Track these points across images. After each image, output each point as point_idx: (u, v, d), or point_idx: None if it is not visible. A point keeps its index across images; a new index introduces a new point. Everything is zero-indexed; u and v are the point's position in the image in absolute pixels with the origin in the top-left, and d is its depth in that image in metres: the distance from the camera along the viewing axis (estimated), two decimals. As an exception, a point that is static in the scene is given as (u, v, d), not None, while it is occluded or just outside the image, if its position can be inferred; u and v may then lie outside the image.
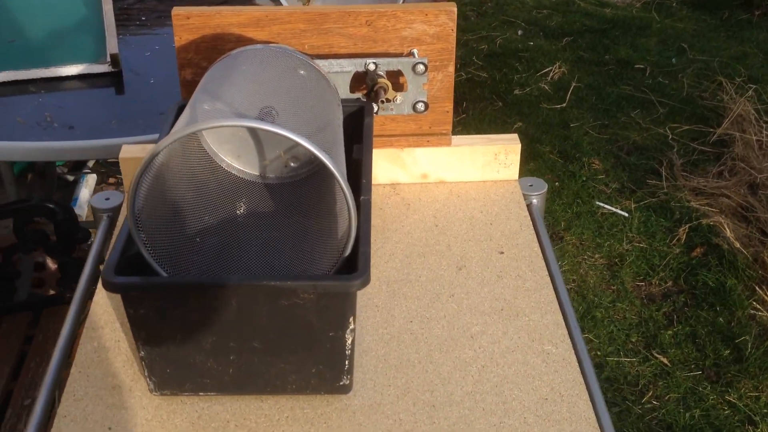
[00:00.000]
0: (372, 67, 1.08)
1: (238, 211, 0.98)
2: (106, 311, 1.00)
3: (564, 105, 3.23)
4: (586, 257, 2.42)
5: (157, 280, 0.79)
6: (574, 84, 3.34)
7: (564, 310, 1.02)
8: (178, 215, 0.89)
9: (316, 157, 0.77)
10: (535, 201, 1.24)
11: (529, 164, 2.86)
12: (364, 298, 1.03)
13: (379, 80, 1.09)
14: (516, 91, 3.34)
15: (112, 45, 1.63)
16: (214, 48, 1.12)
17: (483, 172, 1.24)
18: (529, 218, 1.18)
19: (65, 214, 1.44)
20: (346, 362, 0.85)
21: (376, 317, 1.00)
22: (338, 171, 0.78)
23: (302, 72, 0.98)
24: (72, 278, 1.51)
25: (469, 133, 3.08)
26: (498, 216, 1.18)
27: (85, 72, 1.59)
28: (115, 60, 1.60)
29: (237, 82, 0.92)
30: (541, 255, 1.11)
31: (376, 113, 1.11)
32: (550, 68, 3.46)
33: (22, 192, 1.71)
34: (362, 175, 0.94)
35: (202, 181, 0.94)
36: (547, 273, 1.07)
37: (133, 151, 1.21)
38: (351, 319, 0.82)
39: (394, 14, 1.11)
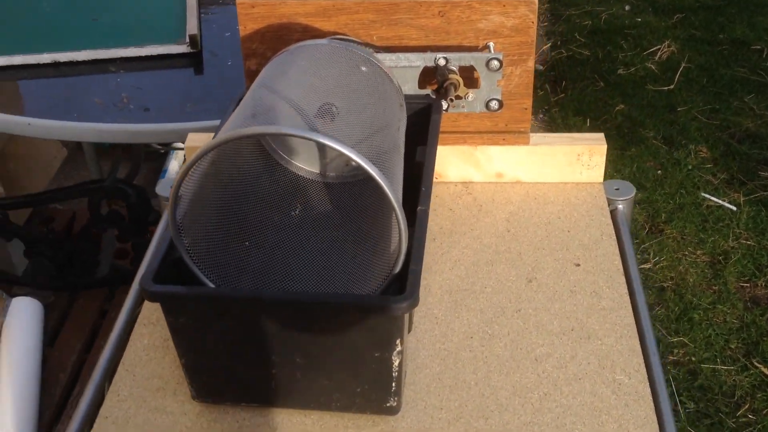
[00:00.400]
0: (442, 62, 1.01)
1: (293, 212, 0.94)
2: (159, 308, 0.98)
3: (671, 87, 3.04)
4: (686, 253, 2.27)
5: (196, 291, 0.75)
6: (683, 64, 3.14)
7: (643, 335, 0.93)
8: (227, 217, 0.85)
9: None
10: (620, 207, 1.14)
11: (630, 150, 2.71)
12: (422, 308, 0.97)
13: (450, 76, 1.02)
14: (620, 71, 3.17)
15: (192, 25, 1.61)
16: (279, 38, 1.08)
17: (563, 174, 1.16)
18: (611, 226, 1.09)
19: (138, 196, 1.44)
20: (393, 384, 0.80)
21: (434, 330, 0.94)
22: (387, 185, 0.72)
23: (364, 69, 0.92)
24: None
25: (567, 114, 2.95)
26: (577, 223, 1.09)
27: (164, 52, 1.58)
28: (194, 41, 1.58)
29: (295, 77, 0.87)
30: (621, 270, 1.02)
31: (446, 111, 1.04)
32: (659, 47, 3.26)
33: (107, 167, 1.73)
34: (423, 182, 0.88)
35: (254, 180, 0.90)
36: (626, 291, 0.98)
37: (199, 140, 1.18)
38: (398, 341, 0.77)
39: (469, 5, 1.03)
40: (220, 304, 0.76)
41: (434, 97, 1.03)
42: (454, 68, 1.02)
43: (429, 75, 1.04)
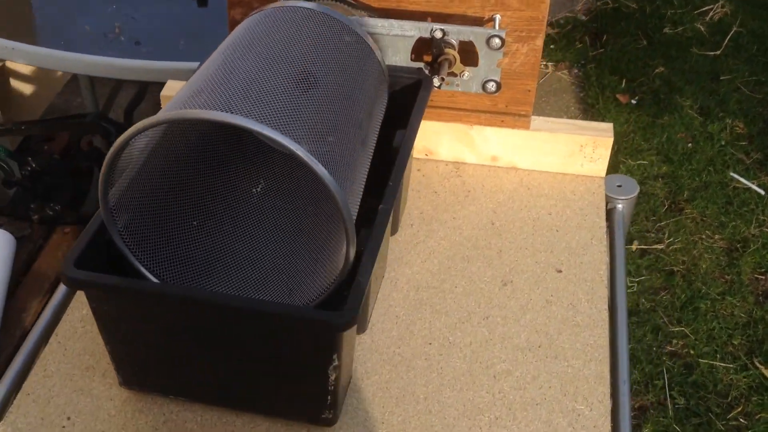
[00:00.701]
0: (439, 34, 0.91)
1: (253, 189, 0.87)
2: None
3: (718, 52, 2.86)
4: (704, 237, 2.16)
5: (120, 282, 0.69)
6: (735, 28, 2.95)
7: (615, 360, 0.86)
8: (170, 195, 0.78)
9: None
10: (620, 207, 1.05)
11: (663, 118, 2.57)
12: (384, 304, 0.90)
13: (446, 51, 0.92)
14: (666, 29, 2.99)
15: (200, -50, 1.50)
16: (265, -11, 0.98)
17: (563, 164, 1.06)
18: (605, 229, 1.00)
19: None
20: (329, 397, 0.74)
21: (392, 331, 0.87)
22: (334, 186, 0.64)
23: (347, 38, 0.83)
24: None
25: (603, 72, 2.81)
26: (568, 222, 1.00)
27: (168, -22, 1.48)
28: (200, -32, 1.48)
29: (260, 47, 0.78)
30: (606, 281, 0.93)
31: (438, 88, 0.95)
32: (711, 6, 3.06)
33: (103, 99, 1.66)
34: (392, 174, 0.79)
35: (206, 152, 0.83)
36: (606, 306, 0.90)
37: (177, 89, 1.10)
38: (334, 356, 0.70)
39: (475, -29, 0.92)
40: (144, 298, 0.70)
41: (426, 72, 0.93)
42: (452, 42, 0.92)
43: (424, 46, 0.94)
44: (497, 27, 0.93)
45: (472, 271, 0.94)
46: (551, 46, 2.99)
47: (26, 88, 1.96)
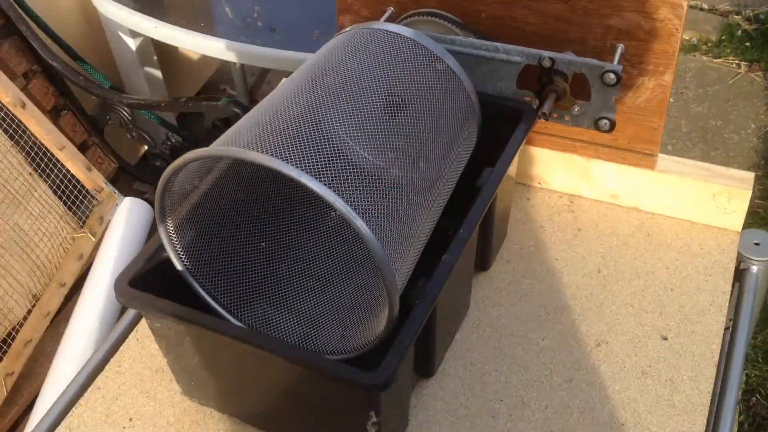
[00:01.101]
0: (547, 63, 0.82)
1: (319, 226, 0.83)
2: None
3: None
4: None
5: (166, 306, 0.68)
6: None
7: (709, 454, 0.75)
8: (235, 219, 0.76)
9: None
10: (755, 269, 0.91)
11: None
12: (461, 346, 0.84)
13: (556, 81, 0.83)
14: None
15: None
16: (375, 2, 0.93)
17: (692, 211, 0.94)
18: (728, 295, 0.88)
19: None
20: (370, 454, 0.69)
21: (464, 379, 0.81)
22: (386, 266, 0.58)
23: (439, 67, 0.77)
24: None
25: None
26: (687, 280, 0.89)
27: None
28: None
29: (343, 73, 0.74)
30: (715, 359, 0.82)
31: (546, 119, 0.86)
32: None
33: (253, 78, 1.69)
34: (466, 220, 0.73)
35: (265, 184, 0.79)
36: (710, 390, 0.79)
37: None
38: (371, 413, 0.66)
39: (600, -6, 0.82)
40: (191, 328, 0.69)
41: (533, 102, 0.85)
42: (564, 72, 0.83)
43: (533, 74, 0.86)
44: (617, 59, 0.82)
45: (564, 323, 0.86)
46: (746, 44, 2.72)
47: (191, 66, 2.04)
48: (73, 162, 1.42)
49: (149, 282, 0.70)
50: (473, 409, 0.79)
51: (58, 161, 1.42)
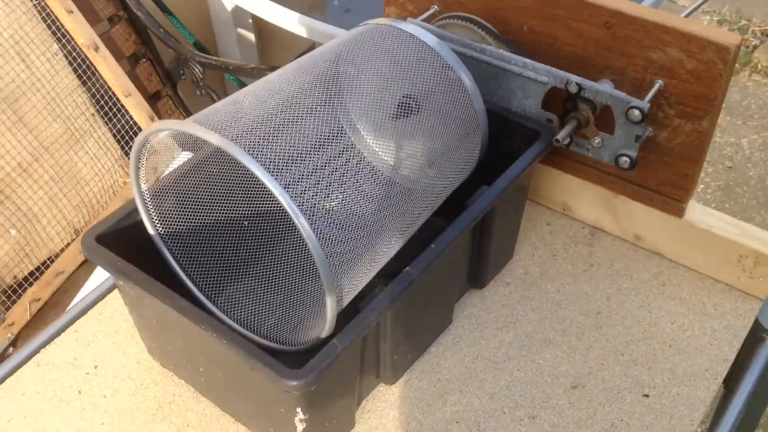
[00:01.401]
0: (573, 88, 0.78)
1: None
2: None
3: None
4: None
5: (124, 267, 0.68)
6: None
7: None
8: (209, 197, 0.75)
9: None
10: (770, 341, 0.85)
11: None
12: (432, 360, 0.82)
13: (581, 107, 0.79)
14: None
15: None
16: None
17: (717, 268, 0.88)
18: (728, 364, 0.82)
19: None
20: (300, 443, 0.69)
21: (427, 391, 0.79)
22: (307, 233, 0.57)
23: (451, 75, 0.74)
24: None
25: None
26: (689, 339, 0.83)
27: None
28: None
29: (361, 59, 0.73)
30: (694, 425, 0.76)
31: (566, 147, 0.82)
32: None
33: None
34: (442, 235, 0.70)
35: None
36: (682, 459, 0.74)
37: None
38: (298, 410, 0.65)
39: (643, 25, 0.77)
40: (137, 288, 0.69)
41: (555, 125, 0.81)
42: (591, 100, 0.79)
43: (560, 96, 0.82)
44: (651, 95, 0.77)
45: (546, 358, 0.82)
46: None
47: (285, 36, 2.06)
48: (137, 110, 1.46)
49: (118, 241, 0.71)
50: (425, 424, 0.77)
51: (123, 107, 1.47)
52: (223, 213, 0.75)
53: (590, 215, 0.95)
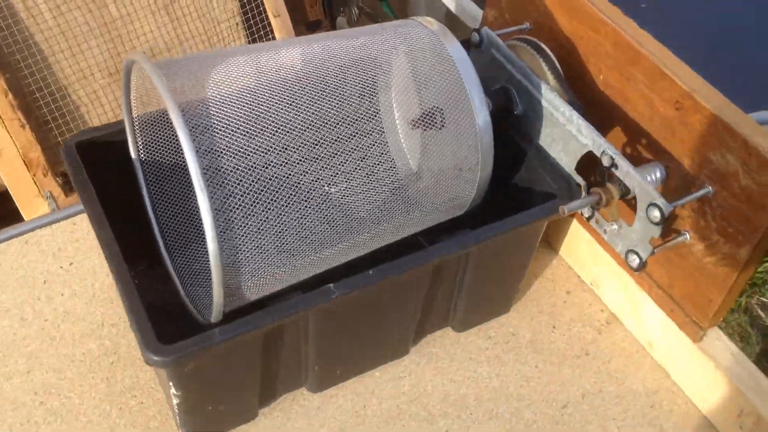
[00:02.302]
0: (606, 161, 0.68)
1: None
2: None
3: None
4: None
5: (80, 181, 0.68)
6: None
7: None
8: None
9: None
10: None
11: None
12: (371, 384, 0.77)
13: (608, 184, 0.69)
14: None
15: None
16: (521, 8, 0.83)
17: (713, 412, 0.76)
18: None
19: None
20: (177, 418, 0.68)
21: (345, 411, 0.75)
22: (207, 215, 0.54)
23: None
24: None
25: None
26: (647, 477, 0.73)
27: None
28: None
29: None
30: None
31: (587, 219, 0.73)
32: None
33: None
34: (383, 266, 0.64)
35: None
36: None
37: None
38: (171, 384, 0.63)
39: (711, 118, 0.66)
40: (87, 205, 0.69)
41: (577, 190, 0.72)
42: (620, 178, 0.68)
43: (594, 163, 0.72)
44: (692, 198, 0.66)
45: (480, 429, 0.75)
46: None
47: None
48: (281, 33, 1.46)
49: (96, 152, 0.71)
50: (327, 443, 0.73)
51: (269, 25, 1.47)
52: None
53: (614, 301, 0.85)
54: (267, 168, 0.57)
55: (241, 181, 0.56)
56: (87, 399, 0.74)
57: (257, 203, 0.56)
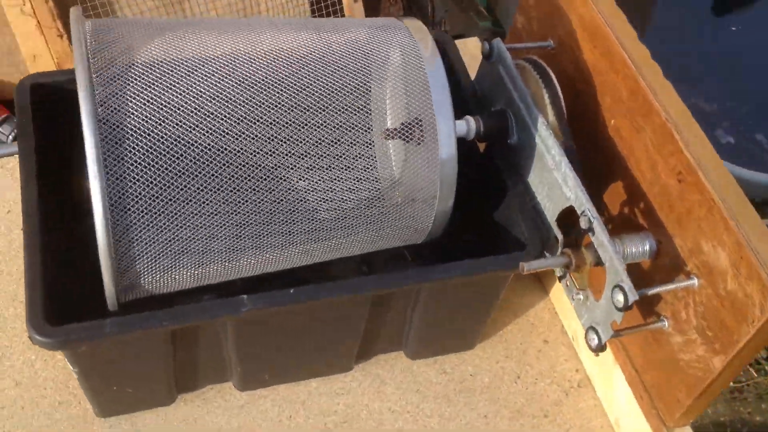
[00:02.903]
0: (584, 222, 0.59)
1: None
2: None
3: None
4: None
5: (23, 123, 0.65)
6: None
7: None
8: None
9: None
10: None
11: None
12: (305, 393, 0.73)
13: (583, 250, 0.61)
14: None
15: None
16: (549, 23, 0.74)
17: None
18: None
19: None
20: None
21: (270, 417, 0.71)
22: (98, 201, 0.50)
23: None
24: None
25: None
26: None
27: None
28: None
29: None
30: None
31: (559, 278, 0.65)
32: None
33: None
34: (311, 286, 0.59)
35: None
36: None
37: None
38: (65, 358, 0.61)
39: (709, 203, 0.56)
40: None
41: (553, 247, 0.64)
42: (595, 244, 0.60)
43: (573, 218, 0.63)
44: (673, 287, 0.57)
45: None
46: None
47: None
48: (351, 13, 1.39)
49: (52, 96, 0.68)
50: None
51: (339, 5, 1.41)
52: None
53: (590, 364, 0.77)
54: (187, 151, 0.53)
55: (143, 162, 0.52)
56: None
57: (163, 187, 0.52)
